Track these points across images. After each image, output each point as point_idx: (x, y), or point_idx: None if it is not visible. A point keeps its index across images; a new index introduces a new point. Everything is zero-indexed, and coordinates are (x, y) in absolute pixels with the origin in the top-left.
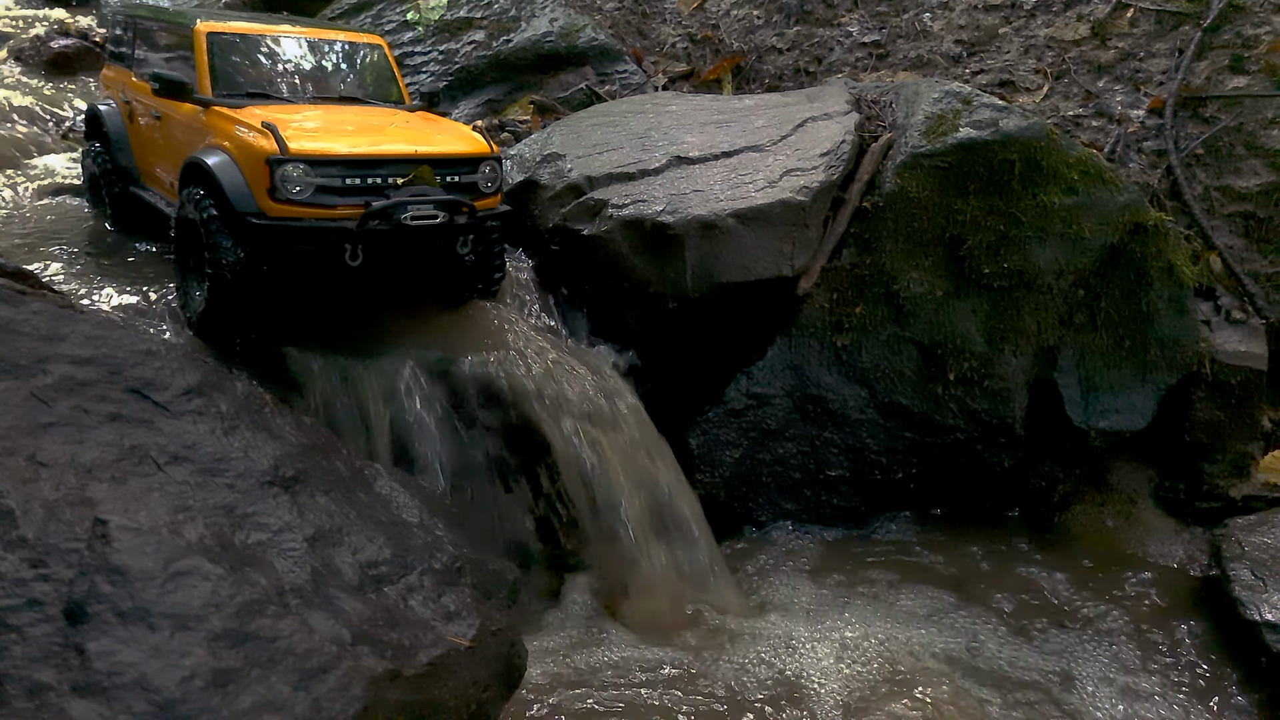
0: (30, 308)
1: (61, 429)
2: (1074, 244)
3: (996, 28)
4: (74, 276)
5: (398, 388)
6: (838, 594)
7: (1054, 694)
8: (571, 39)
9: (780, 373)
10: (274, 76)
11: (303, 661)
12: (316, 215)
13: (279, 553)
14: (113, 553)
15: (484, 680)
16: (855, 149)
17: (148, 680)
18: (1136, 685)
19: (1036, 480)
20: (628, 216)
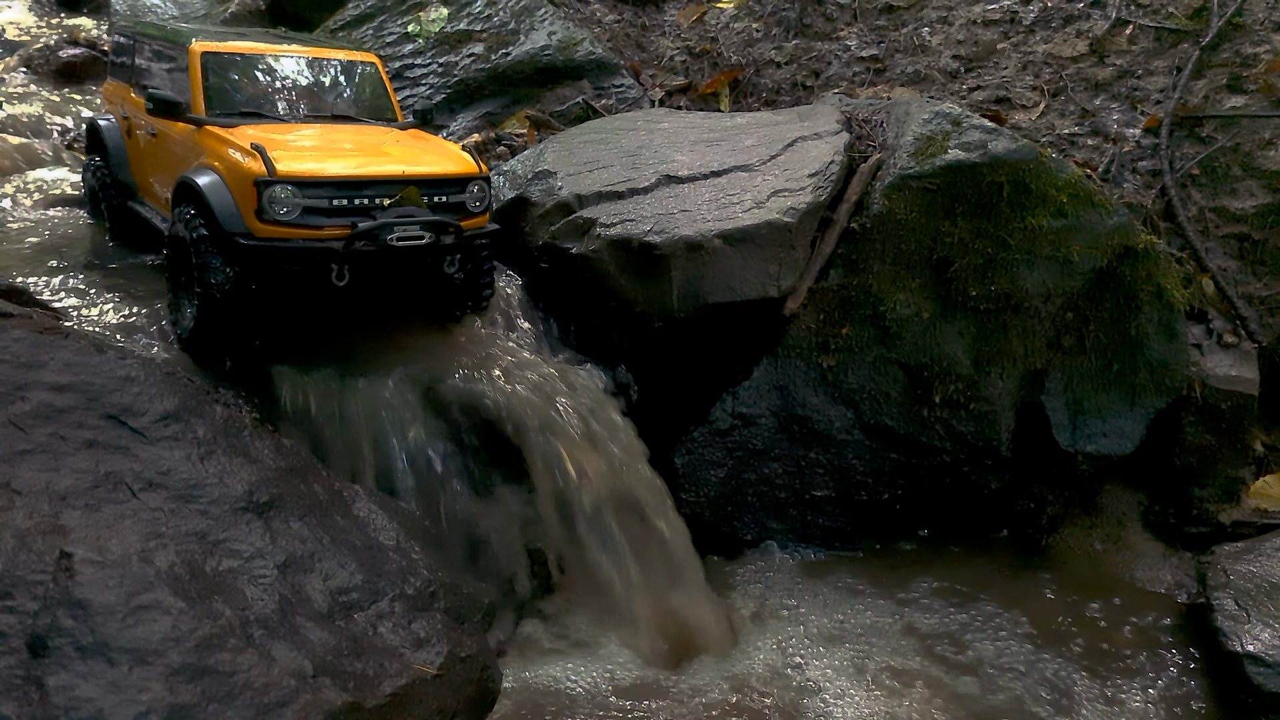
0: (10, 335)
1: (38, 456)
2: (1062, 267)
3: (995, 43)
4: (70, 291)
5: (382, 406)
6: (820, 616)
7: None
8: (569, 53)
9: (766, 393)
10: (267, 96)
11: (260, 696)
12: (304, 236)
13: (249, 580)
14: (75, 586)
15: (452, 708)
16: (844, 169)
17: (104, 716)
18: (1115, 716)
19: (1025, 502)
20: (615, 236)
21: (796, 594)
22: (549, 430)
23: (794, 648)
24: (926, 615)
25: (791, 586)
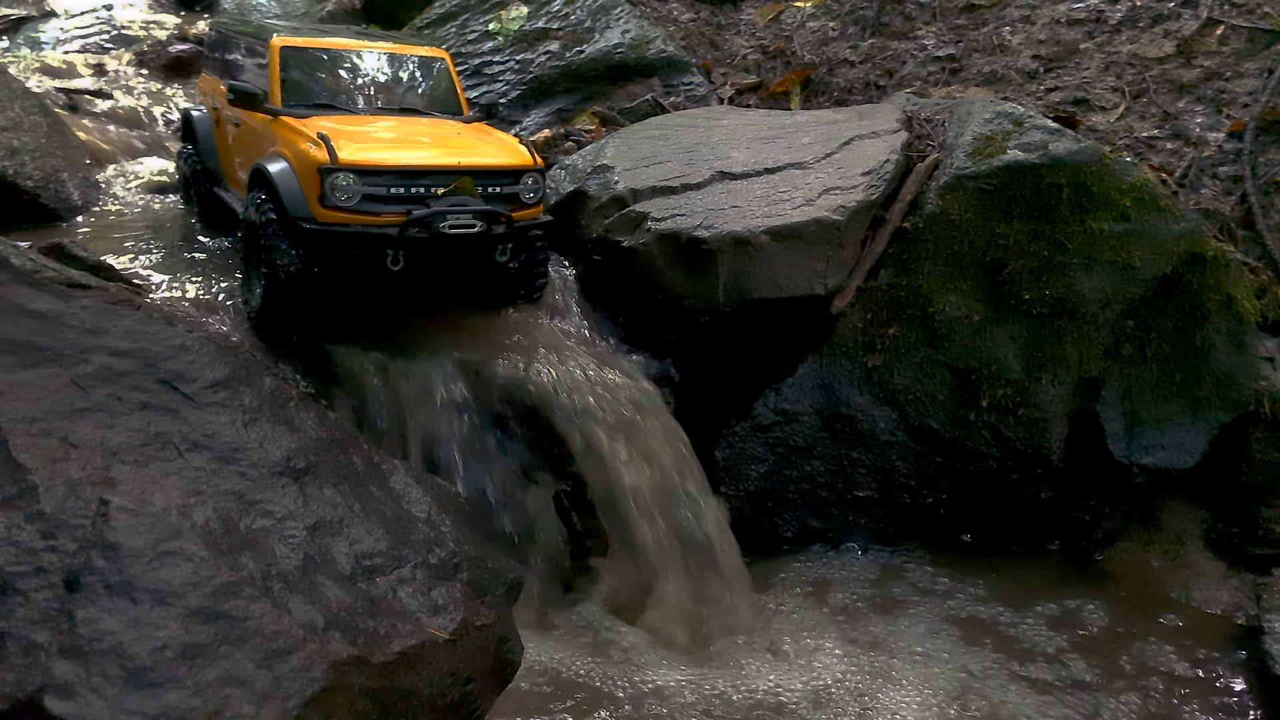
0: (79, 303)
1: (95, 414)
2: (1123, 272)
3: (1078, 43)
4: (155, 269)
5: (431, 387)
6: (857, 618)
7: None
8: (641, 50)
9: (810, 390)
10: (340, 88)
11: (269, 642)
12: (362, 221)
13: (279, 539)
14: (109, 530)
15: (466, 673)
16: (900, 168)
17: (123, 648)
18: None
19: (1079, 514)
20: (665, 230)
21: (831, 595)
22: (591, 417)
23: (823, 647)
24: (966, 625)
25: (827, 587)
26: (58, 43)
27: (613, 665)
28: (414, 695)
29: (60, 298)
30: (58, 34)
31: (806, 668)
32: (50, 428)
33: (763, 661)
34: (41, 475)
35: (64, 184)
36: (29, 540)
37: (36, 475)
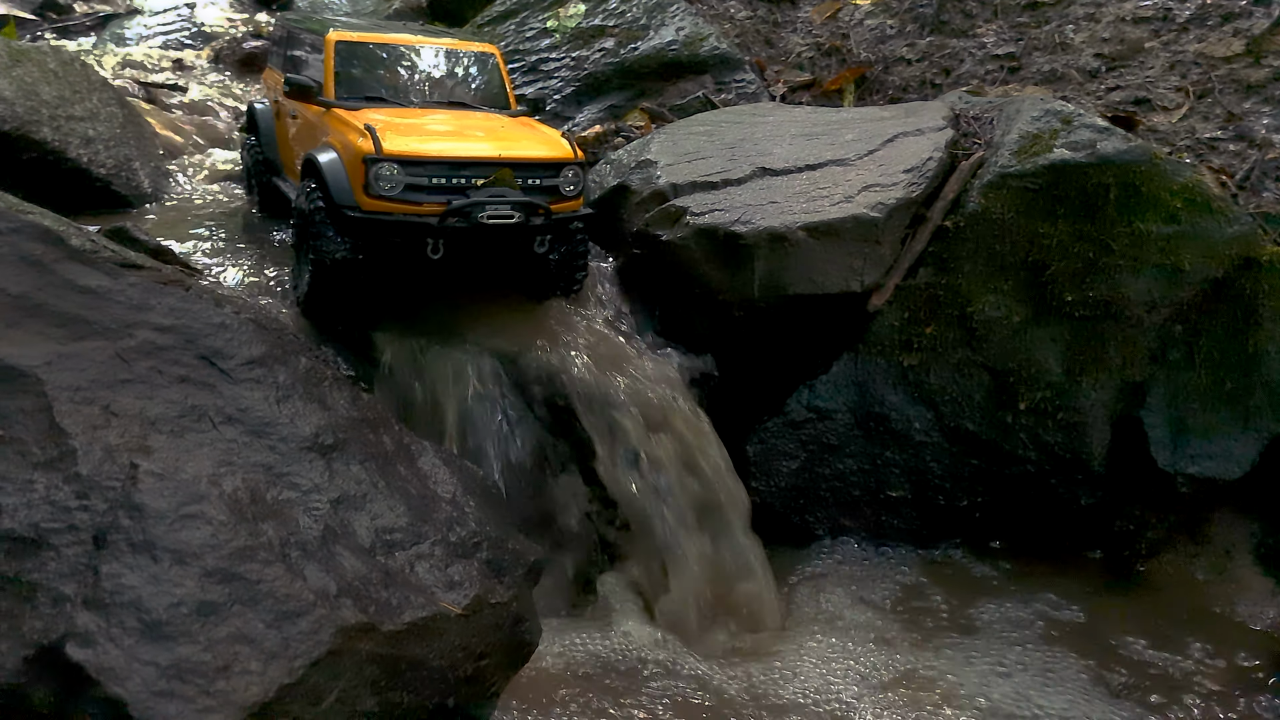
0: (127, 280)
1: (136, 385)
2: (1171, 276)
3: (1142, 41)
4: (213, 254)
5: (467, 374)
6: (883, 621)
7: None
8: (694, 48)
9: (844, 388)
10: (391, 82)
11: (280, 604)
12: (404, 211)
13: (303, 510)
14: (136, 491)
15: (478, 649)
16: (943, 166)
17: (142, 602)
18: None
19: (1123, 523)
20: (703, 224)
21: (860, 596)
22: (622, 409)
23: (842, 650)
24: (997, 633)
25: (856, 587)
26: (140, 39)
27: (629, 653)
28: (423, 665)
29: (110, 275)
30: (141, 30)
31: (822, 664)
32: (93, 396)
33: (777, 655)
34: (81, 440)
35: (135, 172)
36: (64, 500)
37: (76, 440)
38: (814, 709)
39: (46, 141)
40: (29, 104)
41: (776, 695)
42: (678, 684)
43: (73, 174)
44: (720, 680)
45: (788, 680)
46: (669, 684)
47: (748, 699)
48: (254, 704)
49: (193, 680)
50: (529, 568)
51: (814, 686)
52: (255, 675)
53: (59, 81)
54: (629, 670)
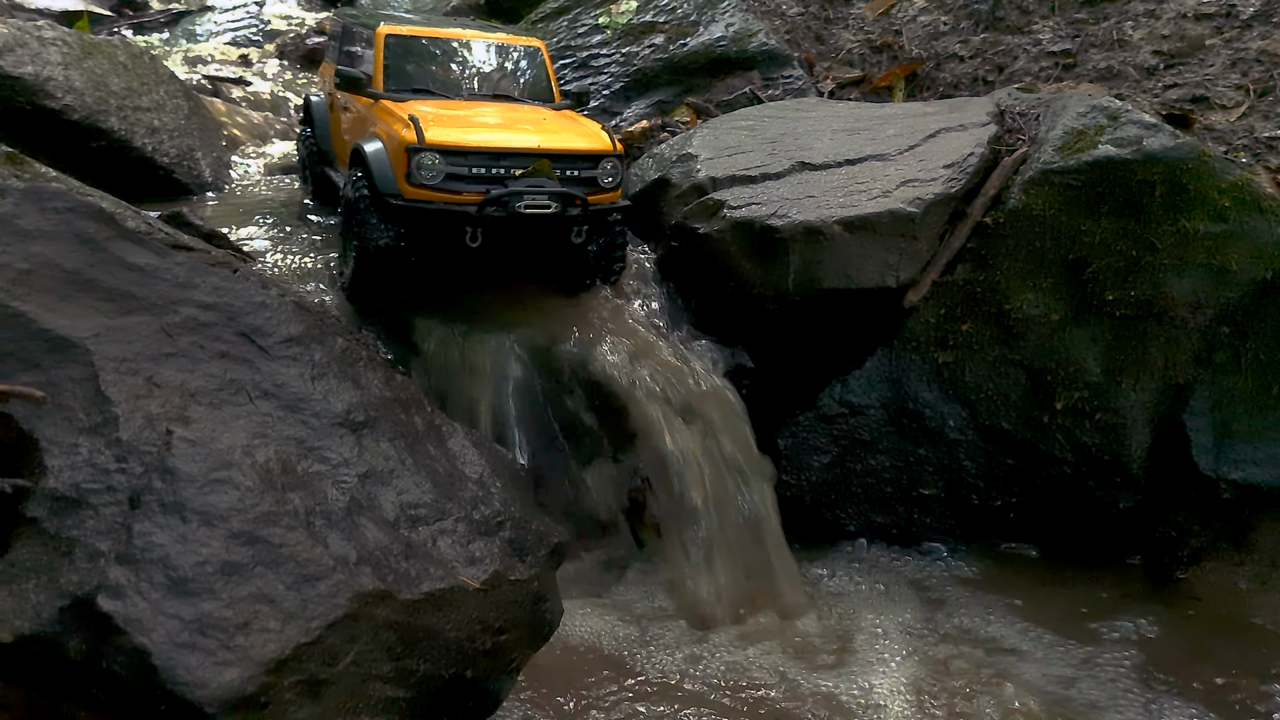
0: (174, 259)
1: (179, 359)
2: (1218, 276)
3: (1203, 39)
4: (265, 240)
5: (504, 360)
6: (912, 619)
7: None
8: (743, 44)
9: (877, 384)
10: (438, 74)
11: (302, 568)
12: (445, 199)
13: (332, 483)
14: (169, 456)
15: (497, 623)
16: (985, 162)
17: (170, 559)
18: None
19: (1165, 530)
20: (740, 218)
21: (889, 593)
22: (654, 397)
23: (868, 647)
24: (1027, 637)
25: (886, 585)
26: (210, 35)
27: (652, 638)
28: (439, 635)
29: (158, 254)
30: (211, 27)
31: (843, 658)
32: (138, 368)
33: (798, 647)
34: (124, 408)
35: (197, 162)
36: (105, 463)
37: (119, 408)
38: (843, 700)
39: (113, 130)
40: (98, 94)
41: (803, 683)
42: (702, 670)
43: (137, 162)
44: (747, 667)
45: (814, 670)
46: (694, 670)
47: (774, 686)
48: (271, 660)
49: (214, 634)
50: (552, 549)
51: (843, 680)
52: (273, 633)
53: (128, 74)
54: (652, 655)
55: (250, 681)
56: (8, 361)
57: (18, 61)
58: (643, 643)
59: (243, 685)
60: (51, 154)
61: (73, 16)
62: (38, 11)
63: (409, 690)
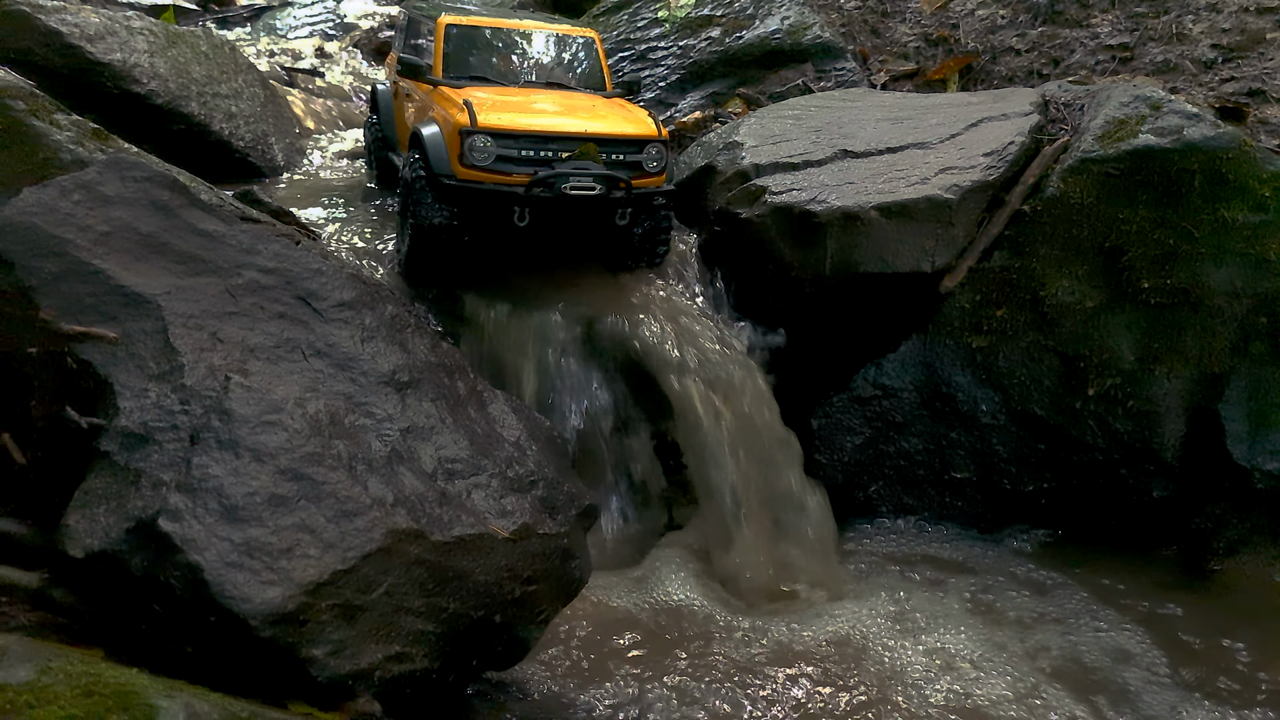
0: (240, 228)
1: (241, 318)
2: (1257, 266)
3: (1264, 32)
4: (330, 219)
5: (548, 335)
6: (938, 599)
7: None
8: (797, 36)
9: (911, 367)
10: (494, 62)
11: (341, 505)
12: (495, 180)
13: (375, 435)
14: (226, 399)
15: (525, 573)
16: (1026, 151)
17: (223, 490)
18: None
19: (1201, 521)
20: (780, 203)
21: (917, 573)
22: (690, 374)
23: (894, 624)
24: (1055, 621)
25: (914, 565)
26: (290, 29)
27: (679, 603)
28: (469, 577)
29: (226, 223)
30: (291, 21)
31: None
32: (203, 324)
33: (824, 618)
34: (189, 358)
35: (270, 146)
36: (170, 405)
37: (185, 358)
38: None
39: (193, 115)
40: (180, 81)
41: (821, 652)
42: (719, 632)
43: (215, 145)
44: (761, 630)
45: (832, 641)
46: (710, 630)
47: (789, 650)
48: (310, 582)
49: (260, 557)
50: (583, 510)
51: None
52: (313, 559)
53: (208, 62)
54: (675, 617)
55: (290, 600)
56: (88, 313)
57: (107, 49)
58: (672, 609)
59: (284, 603)
60: (136, 136)
61: (160, 9)
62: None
63: (438, 625)
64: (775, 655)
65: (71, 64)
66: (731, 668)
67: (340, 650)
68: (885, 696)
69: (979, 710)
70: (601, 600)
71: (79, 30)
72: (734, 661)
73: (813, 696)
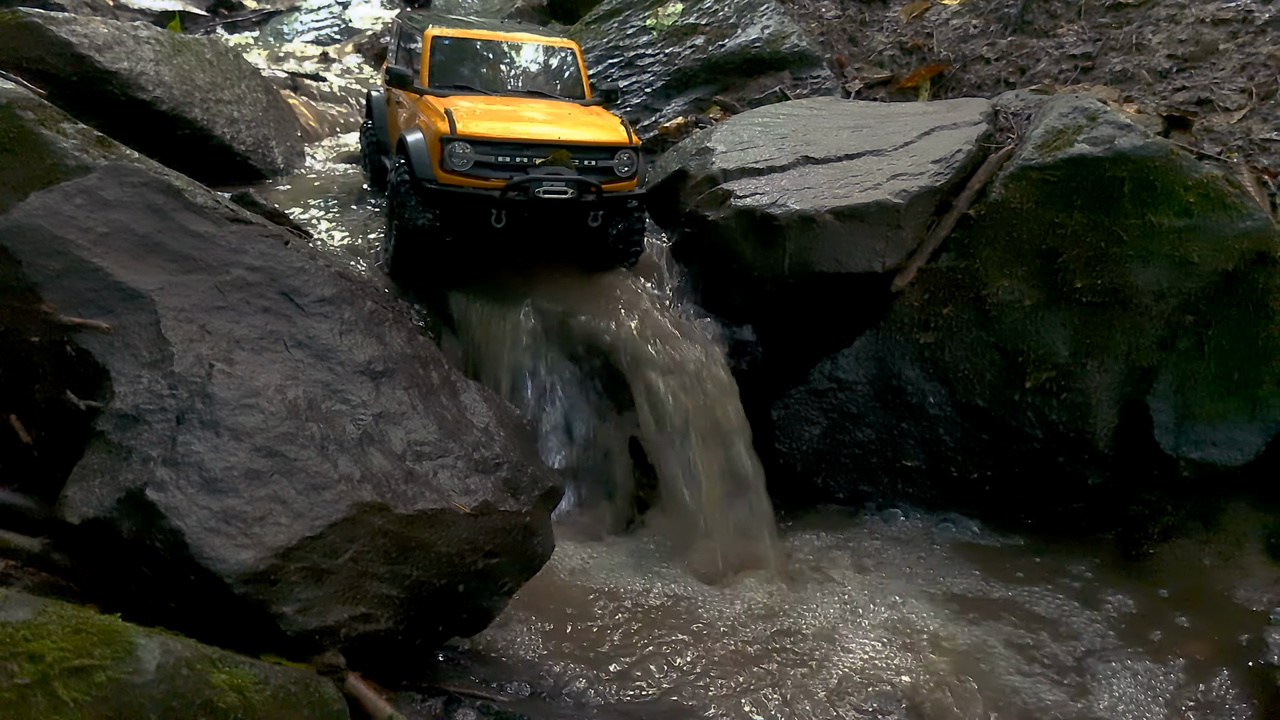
0: (229, 229)
1: (228, 312)
2: (1181, 267)
3: (1217, 43)
4: (322, 220)
5: (523, 331)
6: (884, 576)
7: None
8: (776, 45)
9: (865, 362)
10: (477, 72)
11: (311, 479)
12: (473, 184)
13: (350, 419)
14: (210, 385)
15: (487, 547)
16: (973, 159)
17: (204, 464)
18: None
19: (1138, 508)
20: (744, 206)
21: (867, 554)
22: (655, 367)
23: (842, 599)
24: (988, 593)
25: (864, 548)
26: (296, 34)
27: (643, 581)
28: (431, 548)
29: (216, 224)
30: (298, 26)
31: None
32: (193, 317)
33: (781, 590)
34: (179, 348)
35: (271, 150)
36: (160, 390)
37: (175, 348)
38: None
39: (196, 120)
40: (184, 88)
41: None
42: (674, 604)
43: (217, 149)
44: (714, 602)
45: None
46: (666, 604)
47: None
48: (280, 547)
49: (235, 523)
50: (546, 491)
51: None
52: (284, 527)
53: (212, 69)
54: (633, 590)
55: (262, 562)
56: (88, 307)
57: (115, 58)
58: (635, 588)
59: (256, 564)
60: (142, 140)
61: (167, 17)
62: (140, 11)
63: (402, 590)
64: (726, 627)
65: (81, 72)
66: (687, 637)
67: (308, 608)
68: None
69: (927, 668)
70: (569, 577)
71: (88, 40)
72: (691, 632)
73: (761, 659)
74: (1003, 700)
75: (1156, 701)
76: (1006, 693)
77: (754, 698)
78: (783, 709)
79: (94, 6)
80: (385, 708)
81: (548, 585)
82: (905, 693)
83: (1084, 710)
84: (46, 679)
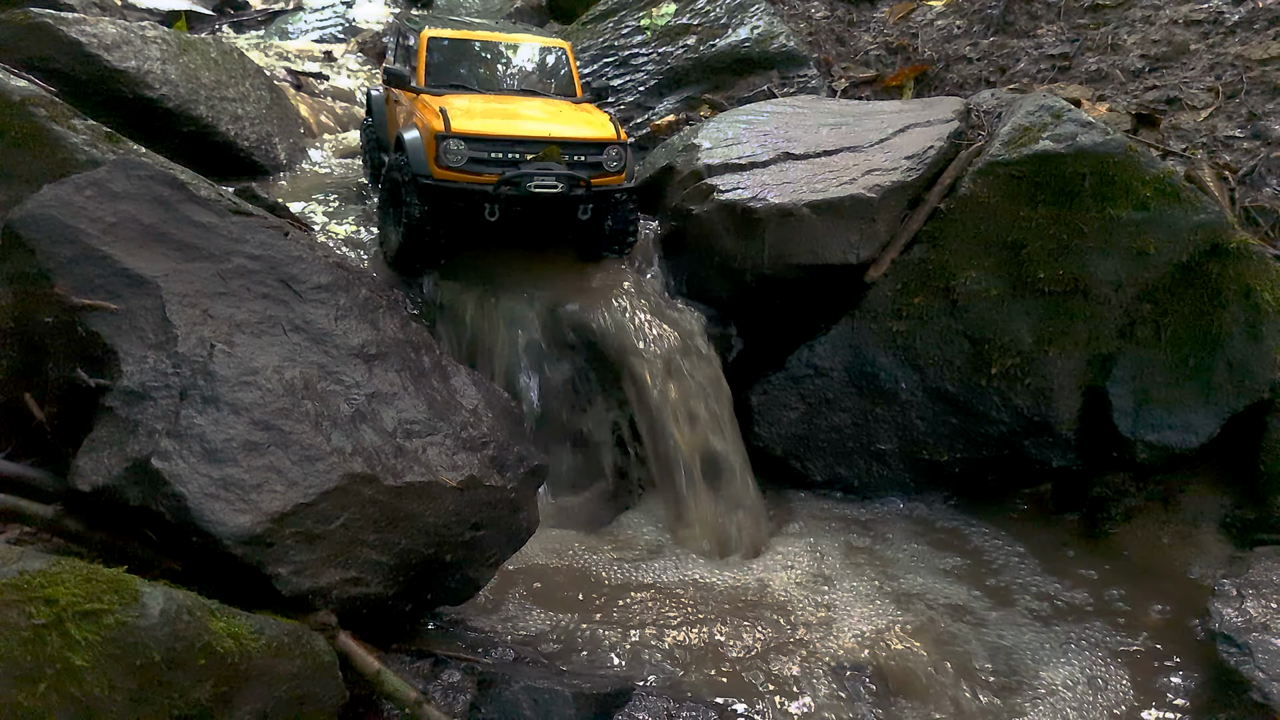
0: (231, 220)
1: (229, 298)
2: (1138, 258)
3: (1189, 43)
4: (324, 214)
5: (515, 319)
6: (860, 554)
7: (1012, 675)
8: (765, 45)
9: (840, 349)
10: (472, 72)
11: (305, 451)
12: (466, 179)
13: (344, 399)
14: (210, 363)
15: (473, 519)
16: (945, 155)
17: (205, 436)
18: (1094, 671)
19: (1103, 489)
20: (726, 200)
21: (841, 532)
22: (641, 354)
23: (809, 567)
24: (953, 568)
25: (840, 526)
26: (301, 33)
27: (628, 558)
28: (418, 519)
29: (219, 215)
30: (302, 25)
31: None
32: (197, 302)
33: (762, 565)
34: (183, 330)
35: (274, 146)
36: (165, 369)
37: (179, 330)
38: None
39: (201, 118)
40: (190, 86)
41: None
42: (666, 582)
43: (221, 145)
44: (704, 575)
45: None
46: (659, 582)
47: (721, 594)
48: (275, 512)
49: (234, 490)
50: (531, 470)
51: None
52: (279, 494)
53: (217, 68)
54: (630, 572)
55: (258, 525)
56: (98, 291)
57: (123, 57)
58: (621, 565)
59: (252, 527)
60: (149, 136)
61: (174, 16)
62: (147, 11)
63: (391, 558)
64: (709, 601)
65: (90, 71)
66: (671, 611)
67: (302, 570)
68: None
69: (898, 639)
70: (557, 554)
71: (97, 40)
72: (675, 606)
73: (741, 631)
74: (968, 666)
75: (1113, 665)
76: (972, 660)
77: (734, 666)
78: (758, 676)
79: (102, 6)
80: (374, 662)
81: (535, 560)
82: (875, 661)
83: (1045, 677)
84: (60, 620)
